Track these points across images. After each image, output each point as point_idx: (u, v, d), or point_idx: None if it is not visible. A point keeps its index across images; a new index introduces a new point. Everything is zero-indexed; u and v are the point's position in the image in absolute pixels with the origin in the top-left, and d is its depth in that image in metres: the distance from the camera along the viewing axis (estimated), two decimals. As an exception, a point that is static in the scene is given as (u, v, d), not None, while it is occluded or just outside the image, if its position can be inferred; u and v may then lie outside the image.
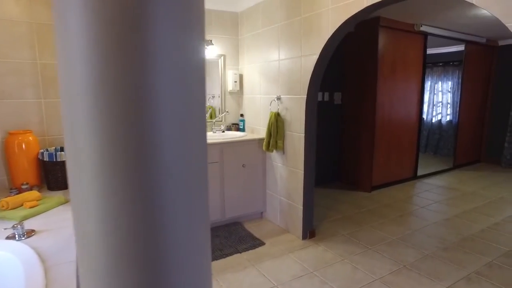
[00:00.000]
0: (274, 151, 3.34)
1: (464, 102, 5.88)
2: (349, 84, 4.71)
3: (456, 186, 4.87)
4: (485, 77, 6.21)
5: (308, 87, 2.83)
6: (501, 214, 3.77)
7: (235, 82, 3.84)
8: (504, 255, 2.84)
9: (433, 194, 4.46)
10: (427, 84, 6.88)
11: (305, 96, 2.86)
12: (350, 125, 4.74)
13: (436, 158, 6.59)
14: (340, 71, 4.75)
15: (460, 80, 5.96)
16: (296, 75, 2.97)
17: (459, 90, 5.93)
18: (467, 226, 3.42)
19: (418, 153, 5.12)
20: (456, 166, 5.91)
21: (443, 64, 6.66)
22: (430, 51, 5.23)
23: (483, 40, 5.71)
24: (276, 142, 3.20)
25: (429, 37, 4.85)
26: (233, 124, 3.94)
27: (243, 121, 3.90)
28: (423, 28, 4.59)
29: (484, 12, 3.97)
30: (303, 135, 2.93)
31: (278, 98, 3.22)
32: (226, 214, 3.40)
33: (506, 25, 1.58)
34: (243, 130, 3.90)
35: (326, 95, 4.64)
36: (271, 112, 3.23)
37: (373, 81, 4.32)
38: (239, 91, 3.93)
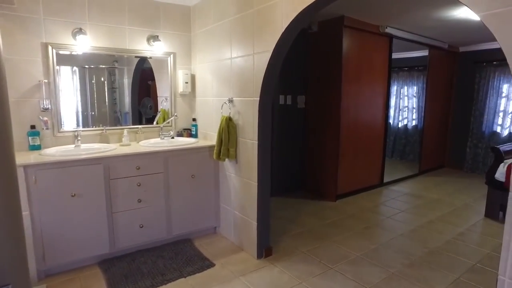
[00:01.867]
0: (227, 159, 2.99)
1: (429, 107, 5.82)
2: (313, 87, 4.45)
3: (422, 193, 4.72)
4: (448, 82, 6.20)
5: (262, 88, 2.50)
6: (465, 222, 3.62)
7: (186, 83, 3.46)
8: (469, 270, 2.64)
9: (399, 202, 4.27)
10: (393, 89, 6.81)
11: (258, 98, 2.54)
12: (314, 130, 4.49)
13: (403, 164, 6.51)
14: (303, 74, 4.49)
15: (424, 85, 5.90)
16: (248, 75, 2.65)
17: (424, 95, 5.86)
18: (433, 237, 3.22)
19: (385, 159, 4.95)
20: (421, 172, 5.82)
21: (408, 69, 6.61)
22: (395, 55, 5.11)
23: (445, 46, 5.67)
24: (228, 150, 2.85)
25: (394, 40, 4.70)
26: (184, 129, 3.56)
27: (195, 126, 3.53)
28: (388, 30, 4.42)
29: (447, 15, 3.85)
30: (257, 142, 2.60)
31: (230, 101, 2.88)
32: (173, 231, 3.01)
33: (477, 14, 1.33)
34: (195, 136, 3.52)
35: (289, 98, 4.36)
36: (222, 116, 2.88)
37: (337, 84, 4.09)
38: (191, 93, 3.56)
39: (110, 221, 2.65)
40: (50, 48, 2.74)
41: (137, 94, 3.43)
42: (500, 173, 3.60)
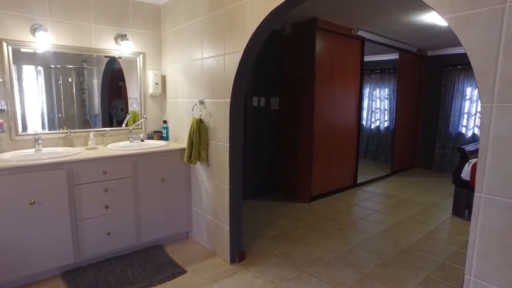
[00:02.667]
0: (198, 163, 2.91)
1: (400, 109, 5.97)
2: (286, 89, 4.45)
3: (394, 193, 4.83)
4: (417, 85, 6.40)
5: (233, 89, 2.45)
6: (434, 221, 3.72)
7: (157, 84, 3.35)
8: (439, 268, 2.69)
9: (372, 203, 4.34)
10: (366, 91, 6.95)
11: (229, 100, 2.49)
12: (288, 132, 4.48)
13: (376, 165, 6.64)
14: (277, 75, 4.48)
15: (395, 87, 6.05)
16: (219, 76, 2.59)
17: (395, 97, 6.01)
18: (404, 236, 3.28)
19: (358, 160, 5.02)
20: (393, 172, 5.96)
21: (380, 72, 6.77)
22: (368, 58, 5.21)
23: (414, 49, 5.85)
24: (199, 153, 2.78)
25: (366, 42, 4.79)
26: (155, 132, 3.45)
27: (166, 128, 3.42)
28: (360, 33, 4.49)
29: (415, 19, 3.96)
30: (228, 144, 2.54)
31: (201, 102, 2.81)
32: (143, 237, 2.89)
33: (443, 17, 1.34)
34: (166, 138, 3.42)
35: (262, 100, 4.33)
36: (193, 118, 2.80)
37: (310, 86, 4.10)
38: (162, 95, 3.45)
39: (74, 229, 2.50)
40: (5, 44, 2.56)
41: (107, 95, 3.29)
42: (466, 172, 3.72)
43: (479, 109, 5.71)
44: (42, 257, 2.38)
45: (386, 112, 6.84)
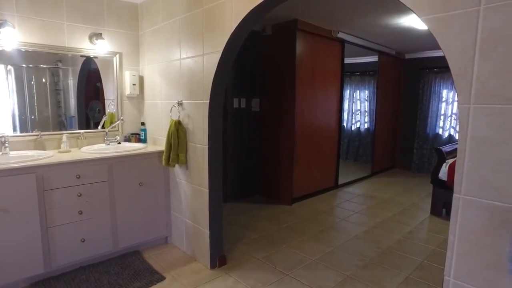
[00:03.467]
0: (177, 165, 2.84)
1: (379, 110, 6.06)
2: (267, 90, 4.43)
3: (374, 193, 4.88)
4: (396, 87, 6.52)
5: (211, 90, 2.40)
6: (414, 221, 3.77)
7: (134, 85, 3.26)
8: (418, 267, 2.72)
9: (353, 204, 4.36)
10: (346, 93, 7.02)
11: (208, 101, 2.43)
12: (269, 133, 4.46)
13: (356, 165, 6.71)
14: (258, 76, 4.45)
15: (375, 89, 6.14)
16: (198, 77, 2.53)
17: (375, 99, 6.10)
18: (385, 237, 3.30)
19: (339, 161, 5.05)
20: (374, 173, 6.04)
21: (360, 74, 6.86)
22: (348, 60, 5.25)
23: (393, 52, 5.96)
24: (178, 155, 2.70)
25: (346, 45, 4.83)
26: (132, 134, 3.34)
27: (144, 130, 3.33)
28: (340, 35, 4.53)
29: (393, 22, 4.02)
30: (207, 146, 2.49)
31: (180, 104, 2.74)
32: (120, 244, 2.79)
33: (420, 18, 1.34)
34: (144, 141, 3.33)
35: (243, 101, 4.29)
36: (171, 120, 2.73)
37: (291, 87, 4.09)
38: (140, 96, 3.36)
39: (45, 237, 2.38)
40: (-33, 42, 2.42)
41: (84, 96, 3.17)
42: (443, 173, 3.80)
43: (454, 110, 5.88)
44: (9, 268, 2.25)
45: (366, 113, 6.94)
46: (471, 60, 1.20)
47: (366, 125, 6.97)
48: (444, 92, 5.98)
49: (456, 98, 5.83)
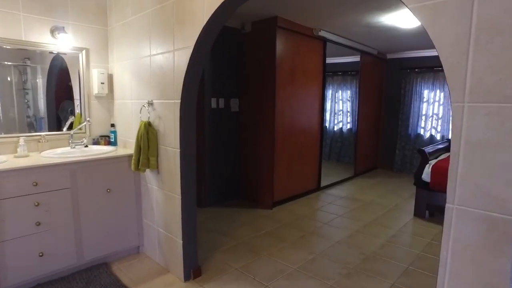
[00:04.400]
0: (148, 170, 2.63)
1: (362, 111, 5.99)
2: (247, 90, 4.26)
3: (357, 196, 4.78)
4: (378, 87, 6.47)
5: (183, 89, 2.21)
6: (397, 224, 3.68)
7: (102, 83, 3.02)
8: (403, 274, 2.61)
9: (336, 207, 4.25)
10: (329, 93, 6.94)
11: (179, 100, 2.24)
12: (248, 134, 4.29)
13: (339, 166, 6.62)
14: (237, 76, 4.28)
15: (357, 89, 6.07)
16: (168, 75, 2.33)
17: (357, 99, 6.03)
18: (368, 242, 3.19)
19: (321, 163, 4.93)
20: (356, 174, 5.96)
21: (342, 74, 6.78)
22: (330, 60, 5.14)
23: (375, 52, 5.90)
24: (148, 159, 2.50)
25: (328, 44, 4.72)
26: (102, 136, 3.11)
27: (114, 132, 3.10)
28: (322, 34, 4.41)
29: (375, 21, 3.92)
30: (179, 150, 2.29)
31: (150, 104, 2.54)
32: (85, 256, 2.55)
33: (408, 6, 1.20)
34: (114, 143, 3.09)
35: (221, 101, 4.10)
36: (141, 121, 2.52)
37: (271, 86, 3.94)
38: (109, 95, 3.12)
39: (-4, 252, 2.13)
40: None
41: (54, 96, 2.92)
42: (426, 174, 3.72)
43: (435, 111, 5.87)
44: (-47, 288, 1.99)
45: (349, 114, 6.87)
46: (465, 53, 1.06)
47: (348, 126, 6.90)
48: (425, 92, 5.97)
49: (437, 99, 5.83)
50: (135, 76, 2.72)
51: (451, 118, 1.07)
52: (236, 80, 4.26)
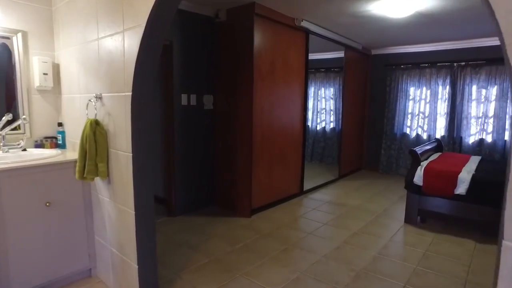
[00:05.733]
0: (97, 178, 2.18)
1: (346, 109, 5.67)
2: (222, 86, 3.84)
3: (343, 200, 4.45)
4: (363, 84, 6.19)
5: (134, 79, 1.78)
6: (388, 232, 3.36)
7: (46, 74, 2.53)
8: (400, 294, 2.27)
9: (321, 213, 3.89)
10: (311, 90, 6.60)
11: (130, 93, 1.80)
12: (224, 135, 3.87)
13: (322, 168, 6.30)
14: (211, 69, 3.85)
15: (341, 87, 5.76)
16: (118, 61, 1.89)
17: (341, 97, 5.71)
18: (358, 255, 2.84)
19: (304, 165, 4.56)
20: (341, 176, 5.64)
21: (325, 70, 6.46)
22: (312, 56, 4.79)
23: (360, 47, 5.60)
24: (96, 165, 2.05)
25: (311, 37, 4.36)
26: (47, 137, 2.62)
27: (62, 133, 2.62)
28: (304, 24, 4.04)
29: (362, 10, 3.59)
30: (131, 155, 1.86)
31: (99, 98, 2.09)
32: (13, 285, 2.07)
33: None
34: (63, 146, 2.62)
35: (193, 98, 3.67)
36: (87, 119, 2.06)
37: (249, 82, 3.54)
38: (56, 89, 2.64)
39: None
40: None
41: None
42: (418, 177, 3.42)
43: (421, 109, 5.63)
44: None
45: (332, 112, 6.55)
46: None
47: (331, 125, 6.59)
48: (411, 89, 5.71)
49: (423, 96, 5.59)
50: (83, 65, 2.26)
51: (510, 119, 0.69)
52: (209, 75, 3.84)
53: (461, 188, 3.13)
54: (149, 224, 1.98)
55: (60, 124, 2.64)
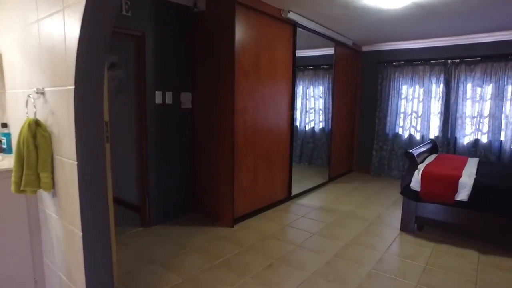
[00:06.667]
0: (40, 191, 1.81)
1: (336, 108, 5.39)
2: (201, 82, 3.49)
3: (334, 205, 4.14)
4: (353, 83, 5.92)
5: (77, 67, 1.42)
6: (383, 242, 3.07)
7: (-15, 66, 2.15)
8: (400, 318, 1.96)
9: (310, 222, 3.57)
10: (299, 89, 6.29)
11: (73, 86, 1.45)
12: (204, 136, 3.52)
13: (311, 170, 5.99)
14: (189, 64, 3.50)
15: (331, 85, 5.47)
16: (59, 47, 1.53)
17: (330, 96, 5.43)
18: (351, 271, 2.53)
19: (292, 168, 4.25)
20: (331, 179, 5.35)
21: (314, 68, 6.16)
22: (301, 53, 4.48)
23: (350, 43, 5.32)
24: (38, 175, 1.68)
25: (299, 31, 4.05)
26: (-10, 140, 2.23)
27: (7, 135, 2.23)
28: (291, 16, 3.73)
29: (352, 0, 3.29)
30: (76, 163, 1.50)
31: (41, 93, 1.72)
32: None
33: None
34: (8, 151, 2.23)
35: (169, 95, 3.31)
36: (26, 119, 1.69)
37: (230, 78, 3.20)
38: (-1, 83, 2.26)
39: None
40: None
41: None
42: (416, 182, 3.13)
43: (415, 108, 5.38)
44: None
45: (321, 112, 6.25)
46: None
47: (321, 125, 6.29)
48: (404, 88, 5.46)
49: (416, 95, 5.34)
50: (24, 53, 1.89)
51: None
52: (187, 70, 3.48)
53: (463, 194, 2.86)
54: (101, 247, 1.62)
55: (4, 125, 2.25)
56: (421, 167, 3.28)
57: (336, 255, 2.79)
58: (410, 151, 3.31)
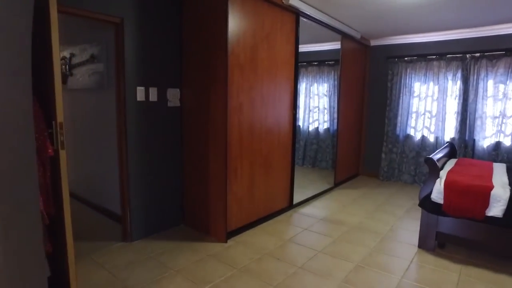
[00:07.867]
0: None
1: (342, 107, 4.96)
2: (191, 77, 3.08)
3: (340, 216, 3.71)
4: (361, 79, 5.48)
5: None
6: (399, 263, 2.64)
7: None
8: None
9: (314, 236, 3.15)
10: (302, 86, 5.86)
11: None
12: (194, 138, 3.11)
13: (315, 174, 5.56)
14: (177, 57, 3.08)
15: (336, 82, 5.03)
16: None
17: (336, 94, 4.99)
18: (363, 302, 2.11)
19: (294, 174, 3.82)
20: (336, 184, 4.92)
21: (318, 64, 5.72)
22: (304, 48, 4.05)
23: (358, 36, 4.88)
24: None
25: (301, 19, 3.62)
26: None
27: None
28: (293, 2, 3.30)
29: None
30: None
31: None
32: None
33: None
34: None
35: (154, 92, 2.89)
36: None
37: (223, 73, 2.77)
38: None
39: None
40: None
41: None
42: (438, 192, 2.69)
43: (428, 107, 4.94)
44: None
45: (326, 111, 5.82)
46: None
47: (325, 125, 5.85)
48: (417, 85, 5.02)
49: (430, 93, 4.89)
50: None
51: None
52: (175, 63, 3.06)
53: (496, 209, 2.42)
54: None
55: None
56: (443, 175, 2.85)
57: (346, 281, 2.36)
58: (431, 156, 2.87)
